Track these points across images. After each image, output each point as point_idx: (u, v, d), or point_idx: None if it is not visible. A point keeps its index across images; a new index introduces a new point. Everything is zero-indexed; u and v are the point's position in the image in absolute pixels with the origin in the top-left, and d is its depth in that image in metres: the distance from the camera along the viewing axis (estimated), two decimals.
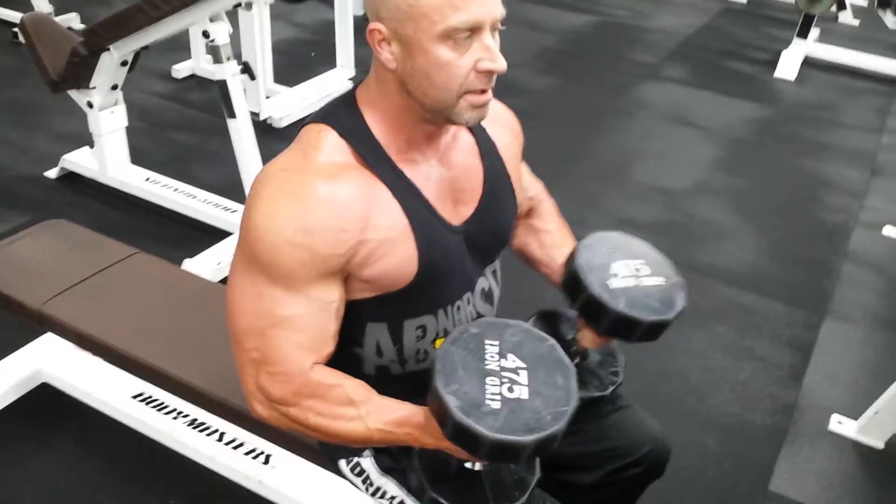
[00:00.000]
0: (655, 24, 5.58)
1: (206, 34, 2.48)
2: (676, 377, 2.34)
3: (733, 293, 2.75)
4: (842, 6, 5.60)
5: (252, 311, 1.07)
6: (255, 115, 3.37)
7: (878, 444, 2.15)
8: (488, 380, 0.97)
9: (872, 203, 3.44)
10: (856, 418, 2.20)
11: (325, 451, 1.37)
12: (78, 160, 3.04)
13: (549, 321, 1.40)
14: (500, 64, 1.01)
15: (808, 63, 4.91)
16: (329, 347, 1.10)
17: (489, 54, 1.00)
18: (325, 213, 1.03)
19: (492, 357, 1.00)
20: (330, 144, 1.08)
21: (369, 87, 1.11)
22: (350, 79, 4.04)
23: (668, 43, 5.21)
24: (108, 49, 2.57)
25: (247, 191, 2.69)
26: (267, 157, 2.70)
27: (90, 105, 2.75)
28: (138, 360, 1.63)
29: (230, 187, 2.92)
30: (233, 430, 1.80)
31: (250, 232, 1.04)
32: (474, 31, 0.98)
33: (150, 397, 1.89)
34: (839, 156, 3.85)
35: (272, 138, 3.40)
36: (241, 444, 1.78)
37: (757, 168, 3.68)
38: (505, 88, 4.42)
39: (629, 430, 1.41)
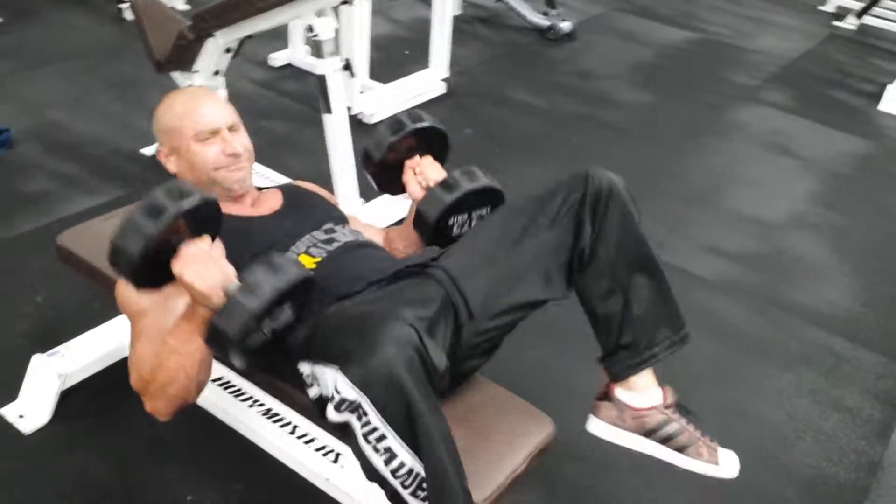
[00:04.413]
0: (757, 45, 5.41)
1: (310, 29, 2.49)
2: (756, 419, 2.25)
3: (823, 337, 2.64)
4: None
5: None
6: (347, 109, 3.39)
7: None
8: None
9: None
10: None
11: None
12: None
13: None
14: (234, 149, 1.59)
15: None
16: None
17: (225, 144, 1.59)
18: None
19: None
20: None
21: None
22: (443, 79, 4.03)
23: (769, 66, 5.04)
24: (214, 35, 2.61)
25: (336, 185, 2.70)
26: (357, 152, 2.72)
27: None
28: None
29: (318, 178, 2.91)
30: (306, 425, 1.81)
31: None
32: (215, 133, 1.59)
33: (228, 382, 1.91)
34: None
35: (361, 133, 3.40)
36: (312, 440, 1.79)
37: (857, 205, 3.52)
38: (597, 100, 4.31)
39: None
